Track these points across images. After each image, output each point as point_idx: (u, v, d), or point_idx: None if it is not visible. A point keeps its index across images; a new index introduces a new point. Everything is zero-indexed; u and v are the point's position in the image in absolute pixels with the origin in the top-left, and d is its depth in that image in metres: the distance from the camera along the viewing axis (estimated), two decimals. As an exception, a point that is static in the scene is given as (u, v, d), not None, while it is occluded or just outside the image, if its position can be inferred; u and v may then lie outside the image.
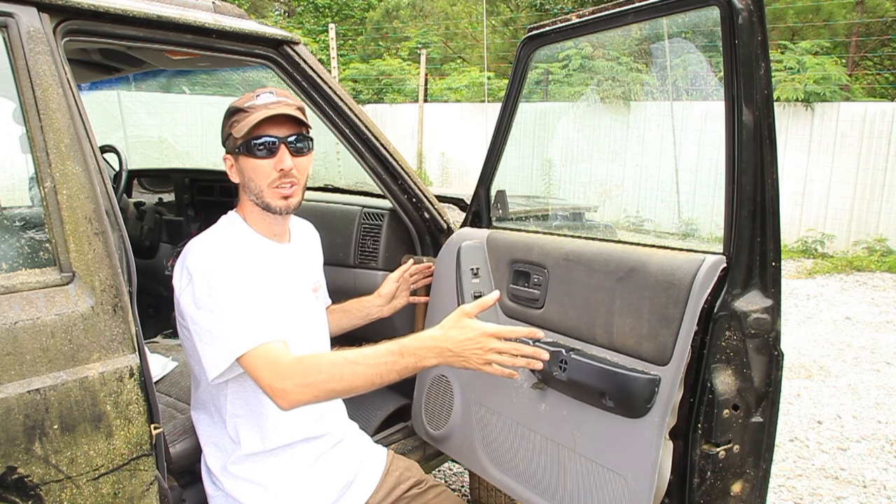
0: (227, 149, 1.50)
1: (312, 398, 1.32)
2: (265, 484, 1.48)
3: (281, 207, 1.48)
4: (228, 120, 1.48)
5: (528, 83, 1.90)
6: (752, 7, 1.25)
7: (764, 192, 1.29)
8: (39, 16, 1.25)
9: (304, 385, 1.29)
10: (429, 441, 2.04)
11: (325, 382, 1.30)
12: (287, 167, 1.45)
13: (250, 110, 1.44)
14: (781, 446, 3.37)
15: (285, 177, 1.46)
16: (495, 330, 1.35)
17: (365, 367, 1.31)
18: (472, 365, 1.35)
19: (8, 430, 1.08)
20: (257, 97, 1.47)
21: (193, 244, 1.44)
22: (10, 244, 1.25)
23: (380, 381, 1.33)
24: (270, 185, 1.46)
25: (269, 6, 20.32)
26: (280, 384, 1.29)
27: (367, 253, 2.28)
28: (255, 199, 1.49)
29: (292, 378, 1.30)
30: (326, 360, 1.34)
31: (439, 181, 11.92)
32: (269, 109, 1.44)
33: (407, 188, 2.04)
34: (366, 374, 1.31)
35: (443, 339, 1.35)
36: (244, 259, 1.43)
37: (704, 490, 1.35)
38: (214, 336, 1.35)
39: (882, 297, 6.31)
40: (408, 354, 1.33)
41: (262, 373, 1.31)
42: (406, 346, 1.34)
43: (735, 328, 1.31)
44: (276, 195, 1.47)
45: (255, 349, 1.32)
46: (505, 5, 15.77)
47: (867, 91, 10.20)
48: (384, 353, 1.33)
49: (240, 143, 1.45)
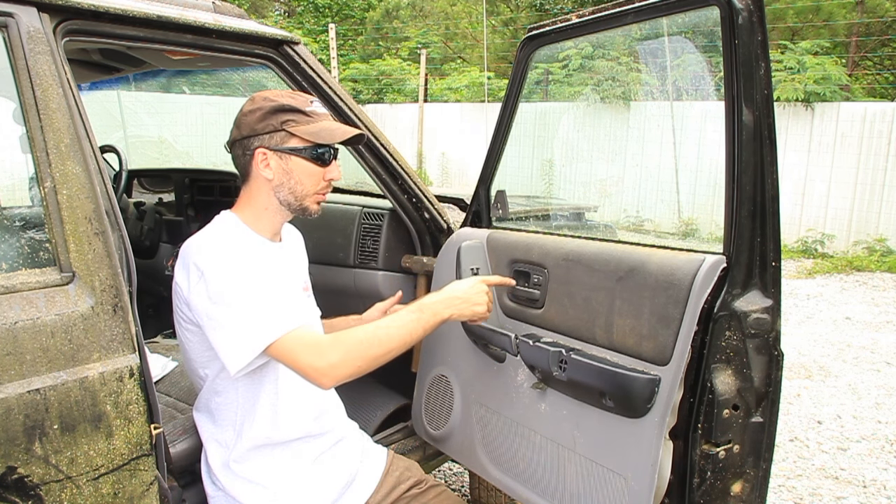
0: (268, 144, 1.47)
1: (356, 369, 1.37)
2: (265, 483, 1.48)
3: (315, 212, 1.55)
4: (277, 115, 1.46)
5: (528, 83, 1.90)
6: (752, 7, 1.25)
7: (764, 192, 1.29)
8: (39, 16, 1.25)
9: (348, 358, 1.35)
10: (429, 441, 2.04)
11: (366, 350, 1.37)
12: (337, 177, 1.54)
13: (315, 116, 1.48)
14: (781, 446, 3.37)
15: (329, 186, 1.55)
16: (485, 277, 1.64)
17: (396, 328, 1.42)
18: (479, 309, 1.56)
19: (8, 430, 1.08)
20: (312, 103, 1.50)
21: (195, 243, 1.44)
22: (10, 244, 1.25)
23: (410, 338, 1.44)
24: (317, 192, 1.52)
25: (269, 6, 20.32)
26: (323, 362, 1.33)
27: (367, 253, 2.28)
28: (290, 200, 1.50)
29: (335, 354, 1.34)
30: (362, 331, 1.41)
31: (439, 181, 11.92)
32: (337, 124, 1.53)
33: (407, 188, 2.04)
34: (399, 334, 1.42)
35: (449, 289, 1.56)
36: (252, 254, 1.44)
37: (704, 490, 1.35)
38: (236, 328, 1.34)
39: (882, 297, 6.31)
40: (426, 309, 1.48)
41: (300, 355, 1.34)
42: (423, 303, 1.50)
43: (735, 328, 1.31)
44: (315, 200, 1.54)
45: (287, 335, 1.34)
46: (505, 5, 15.77)
47: (867, 91, 10.20)
48: (406, 314, 1.46)
49: (302, 145, 1.47)
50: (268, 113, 1.46)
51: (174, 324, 1.51)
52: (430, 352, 2.02)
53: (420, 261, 2.19)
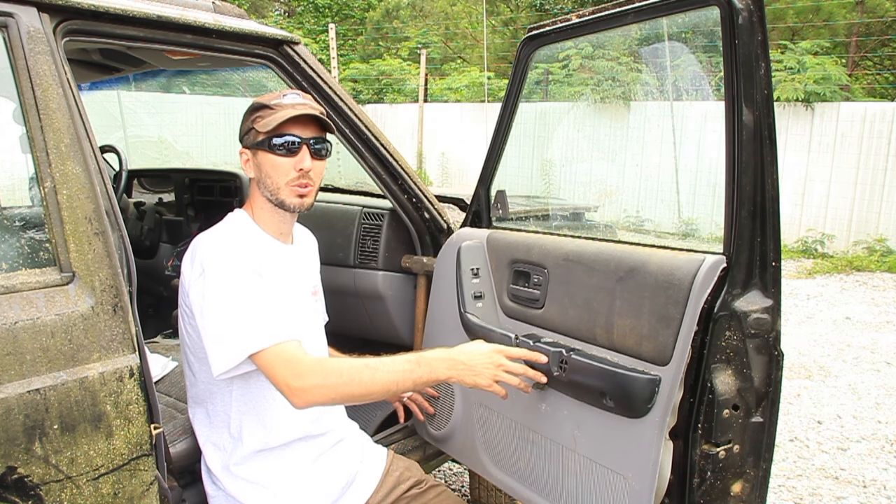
0: (246, 143, 1.50)
1: (329, 399, 1.34)
2: (265, 483, 1.48)
3: (295, 205, 1.50)
4: (252, 115, 1.49)
5: (528, 83, 1.90)
6: (752, 7, 1.25)
7: (764, 192, 1.29)
8: (39, 16, 1.25)
9: (323, 386, 1.32)
10: (430, 441, 2.05)
11: (344, 385, 1.33)
12: (306, 167, 1.47)
13: (277, 108, 1.46)
14: (781, 446, 3.37)
15: (303, 177, 1.48)
16: (504, 349, 1.50)
17: (384, 373, 1.36)
18: (482, 381, 1.44)
19: (8, 430, 1.08)
20: (284, 97, 1.48)
21: (204, 239, 1.45)
22: (10, 244, 1.25)
23: (395, 388, 1.38)
24: (288, 184, 1.48)
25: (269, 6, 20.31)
26: (298, 383, 1.31)
27: (367, 253, 2.28)
28: (269, 196, 1.50)
29: (312, 378, 1.32)
30: (347, 364, 1.37)
31: (439, 181, 11.91)
32: (295, 109, 1.46)
33: (407, 188, 2.04)
34: (384, 380, 1.36)
35: (457, 352, 1.45)
36: (255, 257, 1.43)
37: (704, 490, 1.35)
38: (225, 332, 1.34)
39: (882, 297, 6.31)
40: (423, 364, 1.40)
41: (278, 371, 1.32)
42: (422, 357, 1.42)
43: (735, 328, 1.31)
44: (292, 193, 1.49)
45: (271, 347, 1.33)
46: (505, 5, 15.77)
47: (867, 91, 10.20)
48: (402, 362, 1.39)
49: (262, 138, 1.46)
50: (246, 114, 1.51)
51: (176, 319, 1.51)
52: (430, 352, 2.02)
53: (420, 261, 2.19)
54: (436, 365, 1.41)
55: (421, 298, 2.22)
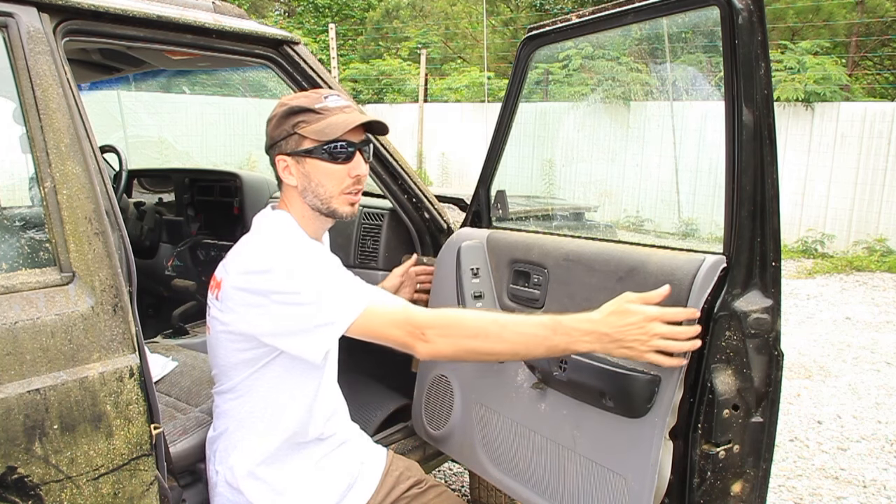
0: (286, 150, 1.42)
1: (451, 351, 1.29)
2: (270, 481, 1.48)
3: (348, 214, 1.46)
4: (291, 119, 1.41)
5: (528, 83, 1.90)
6: (752, 7, 1.25)
7: (764, 192, 1.29)
8: (39, 16, 1.25)
9: (445, 336, 1.28)
10: (429, 441, 2.04)
11: (468, 338, 1.28)
12: (363, 173, 1.44)
13: (325, 112, 1.39)
14: (781, 446, 3.37)
15: (357, 183, 1.44)
16: (660, 313, 1.25)
17: (513, 332, 1.27)
18: (635, 353, 1.25)
19: (8, 430, 1.08)
20: (326, 98, 1.42)
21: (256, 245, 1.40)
22: (10, 244, 1.25)
23: (524, 352, 1.29)
24: (342, 192, 1.43)
25: (269, 6, 20.32)
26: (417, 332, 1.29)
27: (367, 253, 2.28)
28: (318, 204, 1.44)
29: (431, 328, 1.28)
30: (472, 315, 1.32)
31: (439, 181, 11.92)
32: (348, 114, 1.41)
33: (407, 188, 2.04)
34: (512, 340, 1.27)
35: (602, 322, 1.26)
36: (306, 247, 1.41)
37: (704, 490, 1.35)
38: (311, 317, 1.31)
39: (882, 297, 6.31)
40: (561, 332, 1.26)
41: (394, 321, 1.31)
42: (561, 324, 1.26)
43: (735, 328, 1.31)
44: (345, 201, 1.45)
45: (367, 309, 1.31)
46: (505, 5, 15.78)
47: (867, 91, 10.20)
48: (536, 324, 1.27)
49: (313, 145, 1.39)
50: (281, 118, 1.43)
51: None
52: (430, 352, 2.02)
53: (421, 261, 2.19)
54: (576, 336, 1.25)
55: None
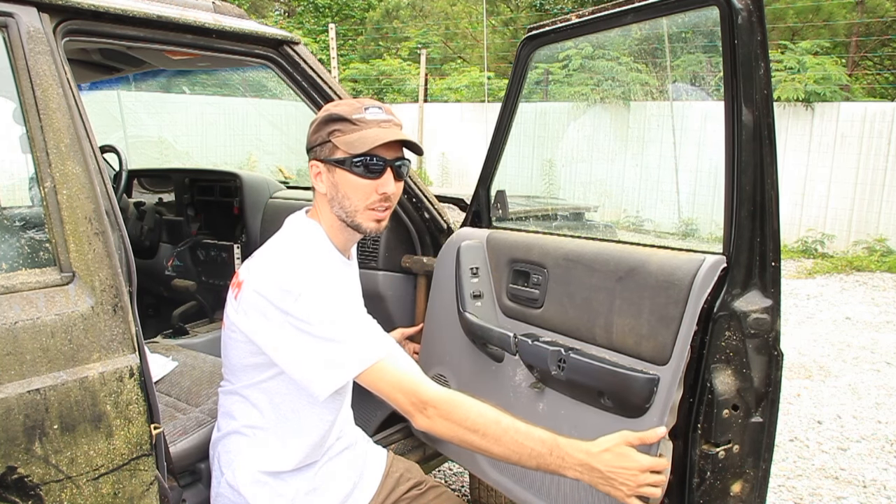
0: (320, 156, 1.41)
1: (447, 436, 1.31)
2: (274, 486, 1.47)
3: (372, 230, 1.44)
4: (328, 126, 1.40)
5: (528, 83, 1.90)
6: (751, 7, 1.25)
7: (764, 192, 1.29)
8: (39, 16, 1.25)
9: (446, 419, 1.30)
10: (427, 442, 2.04)
11: (468, 430, 1.29)
12: (391, 192, 1.41)
13: (360, 124, 1.38)
14: (781, 446, 3.37)
15: (385, 200, 1.42)
16: (653, 463, 1.30)
17: (511, 440, 1.28)
18: (618, 494, 1.28)
19: (8, 430, 1.08)
20: (366, 110, 1.40)
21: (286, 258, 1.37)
22: (10, 244, 1.25)
23: (515, 460, 1.30)
24: (368, 206, 1.41)
25: (269, 6, 20.31)
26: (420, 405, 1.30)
27: (367, 253, 2.28)
28: (344, 216, 1.43)
29: (435, 407, 1.30)
30: (478, 409, 1.31)
31: (439, 181, 11.92)
32: (382, 128, 1.38)
33: (407, 188, 2.04)
34: (508, 447, 1.29)
35: (597, 458, 1.28)
36: (336, 277, 1.38)
37: (704, 490, 1.35)
38: (323, 353, 1.30)
39: (882, 297, 6.31)
40: (556, 455, 1.28)
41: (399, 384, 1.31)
42: (558, 447, 1.29)
43: (735, 328, 1.31)
44: (370, 217, 1.43)
45: (382, 361, 1.31)
46: (505, 5, 15.77)
47: (867, 91, 10.20)
48: (535, 438, 1.29)
49: (343, 157, 1.38)
50: (320, 124, 1.42)
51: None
52: (429, 351, 2.02)
53: (420, 261, 2.19)
54: (569, 462, 1.28)
55: (421, 298, 2.22)
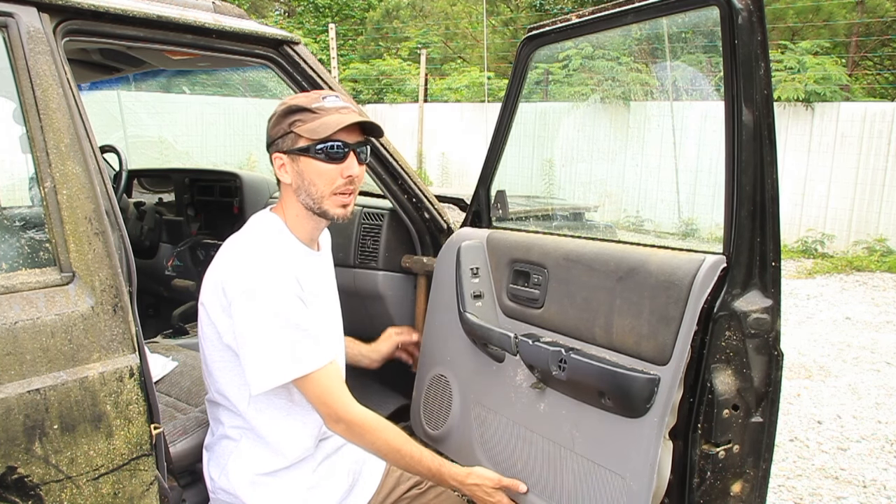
0: (282, 148, 1.44)
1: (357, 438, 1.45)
2: (271, 486, 1.47)
3: (339, 216, 1.47)
4: (288, 118, 1.42)
5: (528, 83, 1.90)
6: (751, 7, 1.25)
7: (764, 192, 1.29)
8: (39, 16, 1.25)
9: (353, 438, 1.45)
10: (427, 441, 2.04)
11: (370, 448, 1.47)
12: (355, 174, 1.44)
13: (320, 112, 1.41)
14: (781, 446, 3.37)
15: (350, 184, 1.45)
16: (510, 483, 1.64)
17: (405, 465, 1.50)
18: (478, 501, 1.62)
19: (8, 430, 1.08)
20: (324, 99, 1.43)
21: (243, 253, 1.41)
22: (10, 244, 1.25)
23: (414, 471, 1.53)
24: (334, 192, 1.44)
25: (269, 6, 20.31)
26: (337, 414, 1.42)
27: (367, 253, 2.28)
28: (311, 204, 1.45)
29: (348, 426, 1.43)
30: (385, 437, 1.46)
31: (439, 181, 11.91)
32: (341, 114, 1.41)
33: (407, 188, 2.04)
34: (406, 459, 1.48)
35: (465, 475, 1.59)
36: (293, 275, 1.40)
37: (704, 490, 1.35)
38: (271, 355, 1.36)
39: (882, 297, 6.31)
40: (436, 473, 1.53)
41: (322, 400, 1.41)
42: (442, 468, 1.54)
43: (735, 328, 1.31)
44: (336, 202, 1.46)
45: (314, 373, 1.38)
46: (505, 5, 15.77)
47: (867, 91, 10.19)
48: (425, 468, 1.51)
49: (307, 144, 1.40)
50: (280, 116, 1.44)
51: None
52: (430, 352, 2.02)
53: (420, 261, 2.19)
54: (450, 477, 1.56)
55: (421, 298, 2.22)
